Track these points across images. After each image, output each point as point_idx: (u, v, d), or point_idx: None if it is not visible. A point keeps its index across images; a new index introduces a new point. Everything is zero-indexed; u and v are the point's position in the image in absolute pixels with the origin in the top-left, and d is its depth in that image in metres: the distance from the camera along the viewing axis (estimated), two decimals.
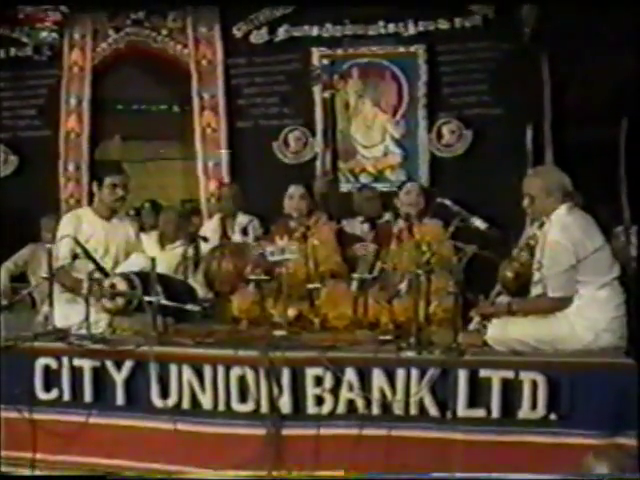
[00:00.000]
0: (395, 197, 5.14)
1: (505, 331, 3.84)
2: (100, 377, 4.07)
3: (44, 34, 7.00)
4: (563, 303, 3.79)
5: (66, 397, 4.10)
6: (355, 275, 4.50)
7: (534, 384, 3.63)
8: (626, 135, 5.59)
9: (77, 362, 4.09)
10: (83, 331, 4.18)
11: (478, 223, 4.16)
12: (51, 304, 4.26)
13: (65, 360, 4.10)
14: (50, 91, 7.09)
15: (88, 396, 4.07)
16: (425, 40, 6.53)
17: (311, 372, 3.83)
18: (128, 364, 4.02)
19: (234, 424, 3.90)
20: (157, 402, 3.99)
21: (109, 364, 4.04)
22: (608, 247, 3.84)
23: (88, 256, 4.37)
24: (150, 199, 6.59)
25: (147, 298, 4.12)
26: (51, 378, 4.11)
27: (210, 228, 6.05)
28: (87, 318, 4.14)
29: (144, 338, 4.08)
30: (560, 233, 3.77)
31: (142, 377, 4.01)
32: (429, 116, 6.53)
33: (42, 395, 4.11)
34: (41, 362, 4.11)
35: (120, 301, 4.28)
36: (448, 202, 4.33)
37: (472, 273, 3.99)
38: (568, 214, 3.85)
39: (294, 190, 5.11)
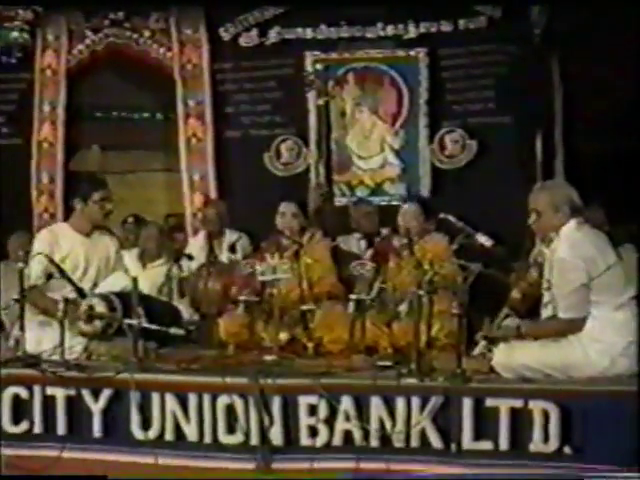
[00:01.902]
0: (395, 212, 5.16)
1: (513, 356, 3.85)
2: (75, 407, 4.05)
3: (14, 34, 6.98)
4: (575, 325, 3.80)
5: (37, 429, 4.07)
6: (352, 296, 4.50)
7: (545, 414, 3.63)
8: None
9: (50, 391, 4.07)
10: (57, 357, 4.17)
11: (483, 240, 4.18)
12: (22, 327, 4.25)
13: (37, 389, 4.08)
14: (21, 96, 7.11)
15: (62, 428, 4.06)
16: (427, 43, 6.59)
17: (304, 401, 3.83)
18: (106, 393, 4.01)
19: (221, 457, 3.89)
20: (137, 434, 3.98)
21: (85, 393, 4.03)
22: (621, 265, 3.86)
23: (63, 275, 4.38)
24: (132, 214, 6.59)
25: (127, 321, 4.12)
26: (21, 409, 4.09)
27: (196, 245, 6.07)
28: (62, 343, 4.14)
29: (124, 364, 4.07)
30: (569, 250, 3.80)
31: (121, 407, 4.00)
32: (431, 125, 6.58)
33: (10, 428, 4.09)
34: (10, 391, 4.09)
35: (98, 324, 4.28)
36: (451, 218, 4.35)
37: (477, 294, 4.00)
38: (577, 230, 3.87)
39: (286, 208, 5.14)
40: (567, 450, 3.61)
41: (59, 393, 4.06)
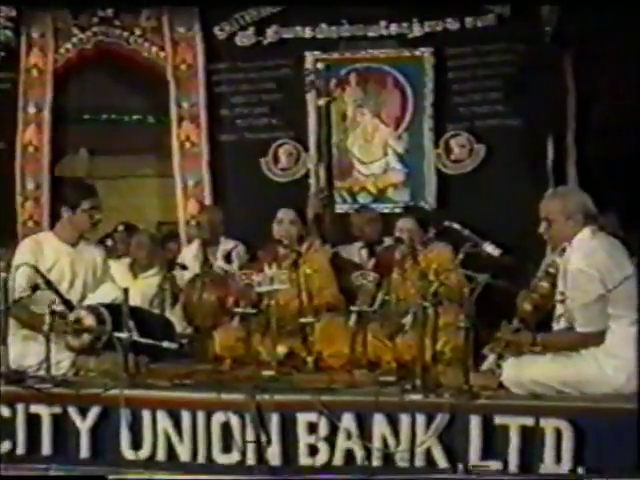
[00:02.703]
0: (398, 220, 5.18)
1: (523, 371, 3.85)
2: (61, 426, 4.05)
3: None
4: (594, 339, 3.80)
5: (20, 450, 4.07)
6: (353, 308, 4.51)
7: (558, 433, 3.63)
8: None
9: (34, 409, 4.07)
10: (42, 373, 4.17)
11: (491, 249, 4.19)
12: (5, 342, 4.25)
13: (20, 407, 4.07)
14: (5, 97, 7.09)
15: (47, 448, 4.05)
16: (432, 42, 6.60)
17: (304, 418, 3.83)
18: (94, 410, 4.01)
19: (216, 478, 3.89)
20: (127, 453, 3.98)
21: (72, 411, 4.03)
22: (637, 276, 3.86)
23: (50, 287, 4.37)
24: (123, 222, 6.59)
25: (117, 334, 4.13)
26: (3, 428, 4.08)
27: (189, 255, 6.08)
28: (47, 358, 4.13)
29: (113, 380, 4.07)
30: (583, 260, 3.80)
31: (110, 425, 4.00)
32: (436, 128, 6.59)
33: None
34: None
35: (86, 338, 4.29)
36: (457, 226, 4.36)
37: (485, 306, 4.00)
38: (592, 238, 3.87)
39: (283, 214, 5.15)
40: (580, 471, 3.60)
41: (44, 411, 4.06)
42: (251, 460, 3.85)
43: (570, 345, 3.86)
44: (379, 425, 3.76)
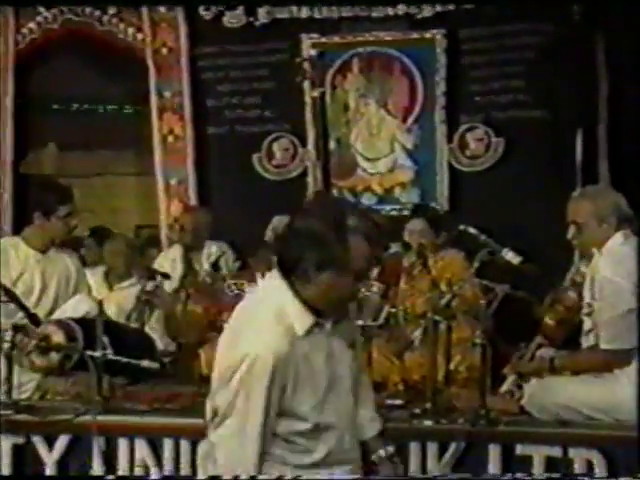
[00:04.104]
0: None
1: (548, 394, 3.86)
2: (25, 457, 4.04)
3: None
4: (621, 358, 3.79)
5: None
6: (356, 322, 4.50)
7: (588, 464, 3.63)
8: None
9: None
10: (3, 397, 4.15)
11: (510, 256, 4.20)
12: None
13: None
14: None
15: None
16: (444, 23, 6.59)
17: None
18: (63, 440, 4.00)
19: None
20: None
21: (37, 440, 4.02)
22: None
23: (12, 298, 4.37)
24: (97, 226, 6.59)
25: (90, 353, 4.12)
26: None
27: (172, 261, 6.07)
28: (9, 380, 4.13)
29: (85, 405, 4.07)
30: (614, 268, 3.80)
31: (81, 456, 3.99)
32: (449, 120, 6.58)
33: None
34: None
35: (55, 357, 4.29)
36: (473, 230, 4.36)
37: (504, 320, 4.01)
38: (624, 244, 3.87)
39: (281, 222, 5.12)
40: None
41: (5, 441, 4.04)
42: None
43: (594, 366, 3.85)
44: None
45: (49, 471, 3.98)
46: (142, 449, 3.95)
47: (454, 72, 6.57)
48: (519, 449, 3.69)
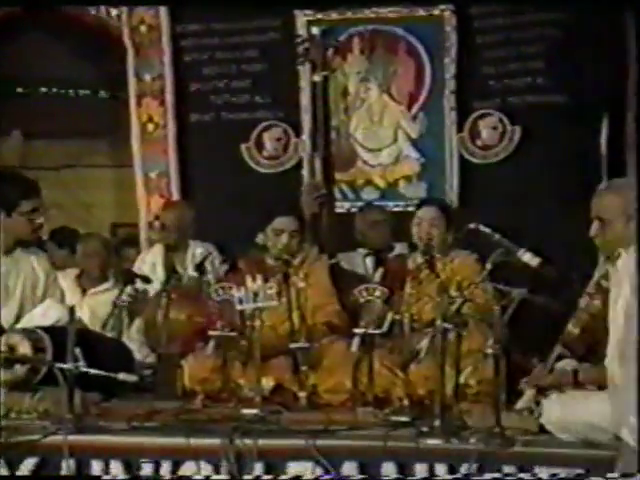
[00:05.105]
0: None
1: (571, 411, 3.85)
2: None
3: None
4: None
5: None
6: (356, 330, 4.52)
7: None
8: None
9: None
10: None
11: (528, 258, 4.21)
12: None
13: None
14: None
15: None
16: None
17: (295, 467, 3.84)
18: (28, 463, 3.99)
19: None
20: None
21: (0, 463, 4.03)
22: None
23: None
24: (60, 227, 6.56)
25: (60, 365, 4.13)
26: None
27: (151, 263, 6.08)
28: None
29: (55, 423, 4.06)
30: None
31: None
32: (460, 107, 6.60)
33: None
34: None
35: (20, 370, 4.28)
36: (485, 228, 4.37)
37: (520, 328, 4.02)
38: None
39: (284, 224, 5.10)
40: None
41: None
42: None
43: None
44: (389, 476, 3.77)
45: None
46: (118, 470, 3.95)
47: (465, 53, 6.59)
48: (537, 472, 3.70)
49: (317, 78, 5.81)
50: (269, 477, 3.78)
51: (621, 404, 3.66)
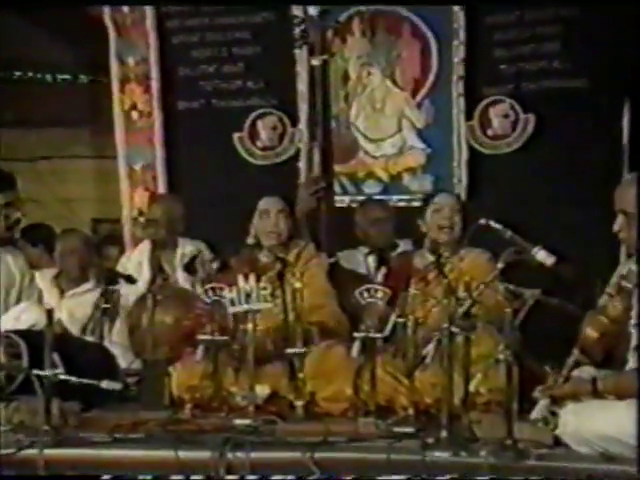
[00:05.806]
0: (418, 216, 5.18)
1: (588, 422, 3.86)
2: None
3: None
4: None
5: None
6: (357, 334, 4.53)
7: None
8: None
9: None
10: None
11: (542, 256, 4.22)
12: None
13: None
14: None
15: None
16: None
17: None
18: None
19: None
20: None
21: None
22: None
23: None
24: (31, 224, 6.55)
25: (37, 372, 4.13)
26: None
27: (137, 262, 6.09)
28: None
29: (31, 436, 4.07)
30: None
31: None
32: (468, 94, 6.60)
33: None
34: None
35: None
36: (496, 224, 4.37)
37: (533, 332, 4.02)
38: None
39: (269, 204, 5.14)
40: None
41: None
42: None
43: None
44: None
45: None
46: None
47: (474, 35, 6.58)
48: None
49: (315, 62, 5.77)
50: None
51: None
